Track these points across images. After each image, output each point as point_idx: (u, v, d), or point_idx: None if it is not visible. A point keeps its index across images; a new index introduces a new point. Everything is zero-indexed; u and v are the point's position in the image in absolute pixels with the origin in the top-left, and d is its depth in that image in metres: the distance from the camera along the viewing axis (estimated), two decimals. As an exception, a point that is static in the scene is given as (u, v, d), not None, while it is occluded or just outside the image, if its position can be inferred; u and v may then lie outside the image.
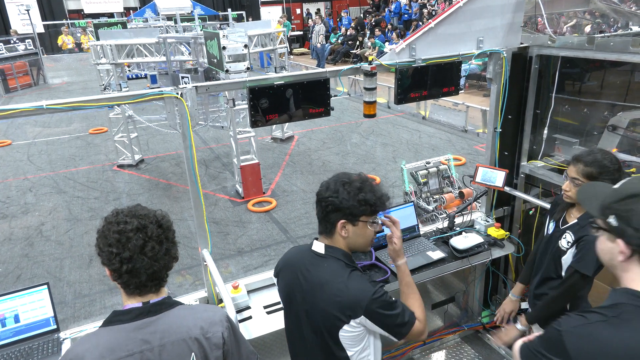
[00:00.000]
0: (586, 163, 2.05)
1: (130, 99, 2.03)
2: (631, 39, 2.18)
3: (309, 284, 1.73)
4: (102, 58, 7.17)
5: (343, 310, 1.64)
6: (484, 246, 2.83)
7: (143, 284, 1.36)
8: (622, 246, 1.24)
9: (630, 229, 1.22)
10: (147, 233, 1.34)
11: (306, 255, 1.80)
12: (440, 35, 2.60)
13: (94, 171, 7.92)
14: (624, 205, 1.25)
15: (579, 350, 1.21)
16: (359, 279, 1.70)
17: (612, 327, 1.19)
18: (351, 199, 1.66)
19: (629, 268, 1.26)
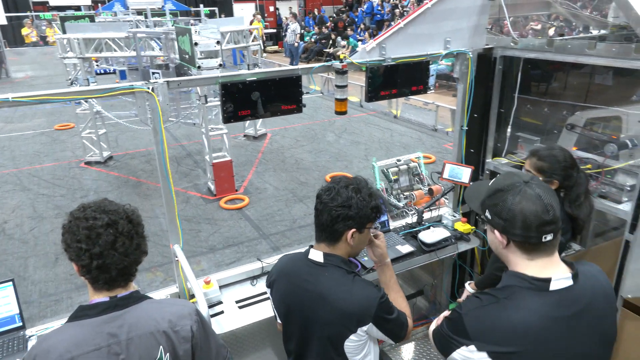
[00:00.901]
0: (539, 157, 2.16)
1: (99, 92, 2.01)
2: (587, 42, 2.30)
3: (311, 295, 1.67)
4: (69, 52, 6.98)
5: (351, 320, 1.61)
6: (451, 240, 2.92)
7: (113, 279, 1.36)
8: (498, 236, 1.39)
9: (501, 220, 1.36)
10: (118, 229, 1.34)
11: (302, 265, 1.74)
12: (410, 35, 2.67)
13: (60, 168, 7.71)
14: (493, 199, 1.39)
15: (475, 330, 1.36)
16: (363, 285, 1.67)
17: (501, 308, 1.35)
18: (365, 207, 1.63)
19: (510, 255, 1.41)
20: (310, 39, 19.11)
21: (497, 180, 1.47)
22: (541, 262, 1.36)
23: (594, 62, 2.32)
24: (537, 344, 1.31)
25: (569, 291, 1.34)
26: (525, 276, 1.36)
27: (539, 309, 1.32)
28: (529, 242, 1.34)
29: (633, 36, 2.17)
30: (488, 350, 1.33)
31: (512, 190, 1.36)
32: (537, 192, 1.34)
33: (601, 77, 2.94)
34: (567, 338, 1.34)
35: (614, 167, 2.52)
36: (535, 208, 1.31)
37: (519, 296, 1.34)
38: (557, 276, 1.34)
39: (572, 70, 3.06)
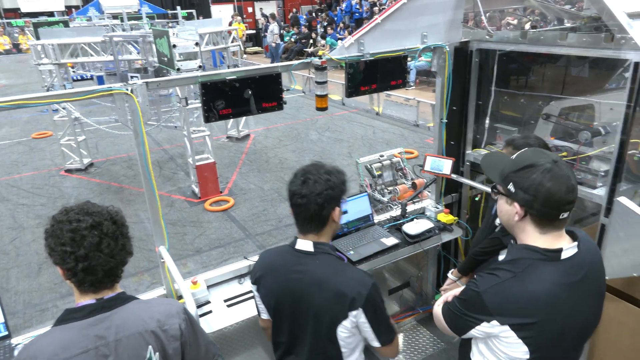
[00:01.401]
0: (515, 146, 2.22)
1: (78, 95, 1.99)
2: (559, 33, 2.37)
3: (303, 284, 1.68)
4: (44, 58, 6.86)
5: (344, 301, 1.62)
6: (434, 231, 2.97)
7: (99, 281, 1.36)
8: (517, 208, 1.44)
9: (525, 194, 1.41)
10: (103, 230, 1.33)
11: (290, 256, 1.74)
12: (387, 30, 2.70)
13: (40, 177, 7.57)
14: (521, 174, 1.44)
15: (496, 305, 1.42)
16: (357, 270, 1.74)
17: (519, 281, 1.42)
18: (341, 183, 1.70)
19: (524, 227, 1.47)
20: (290, 38, 19.11)
21: (525, 155, 1.50)
22: (551, 236, 1.44)
23: (565, 53, 2.39)
24: (554, 310, 1.41)
25: (575, 258, 1.45)
26: (538, 248, 1.43)
27: (554, 278, 1.42)
28: (546, 217, 1.41)
29: (602, 26, 2.24)
30: (510, 323, 1.40)
31: (543, 168, 1.40)
32: (565, 172, 1.40)
33: (577, 70, 3.03)
34: (577, 300, 1.45)
35: (588, 153, 2.60)
36: (561, 187, 1.37)
37: (535, 268, 1.42)
38: (566, 246, 1.44)
39: (549, 63, 3.14)
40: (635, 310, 2.49)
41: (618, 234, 2.33)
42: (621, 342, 2.59)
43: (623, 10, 2.10)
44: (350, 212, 2.99)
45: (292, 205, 1.70)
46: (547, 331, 1.42)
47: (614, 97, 2.63)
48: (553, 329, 1.43)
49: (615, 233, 2.34)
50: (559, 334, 1.45)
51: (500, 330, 1.42)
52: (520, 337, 1.41)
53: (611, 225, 2.35)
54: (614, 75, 2.93)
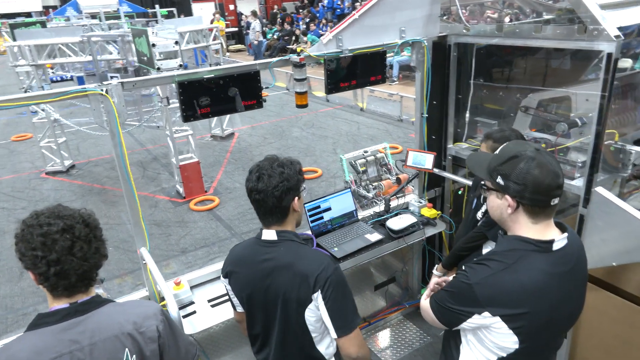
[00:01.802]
0: (495, 139, 2.25)
1: (52, 97, 1.95)
2: (534, 26, 2.39)
3: (272, 272, 1.72)
4: (21, 60, 6.72)
5: (309, 280, 1.64)
6: (418, 226, 2.99)
7: (73, 285, 1.33)
8: (509, 200, 1.46)
9: (514, 184, 1.43)
10: (75, 233, 1.31)
11: (256, 247, 1.78)
12: (365, 26, 2.70)
13: (20, 180, 7.43)
14: (507, 165, 1.46)
15: (488, 297, 1.43)
16: (320, 253, 1.76)
17: (512, 272, 1.43)
18: (295, 173, 1.73)
19: (517, 219, 1.49)
20: (272, 36, 19.01)
21: (508, 147, 1.53)
22: (543, 225, 1.47)
23: (540, 45, 2.41)
24: (544, 301, 1.44)
25: (565, 249, 1.48)
26: (530, 239, 1.46)
27: (546, 269, 1.44)
28: (538, 205, 1.43)
29: (576, 18, 2.26)
30: (501, 314, 1.42)
31: (527, 157, 1.43)
32: (548, 159, 1.43)
33: (558, 61, 3.06)
34: (567, 290, 1.48)
35: (565, 145, 2.63)
36: (548, 173, 1.41)
37: (527, 259, 1.44)
38: (558, 237, 1.47)
39: (528, 55, 3.17)
40: (615, 299, 2.54)
41: (596, 223, 2.37)
42: (602, 330, 2.64)
43: (595, 2, 2.13)
44: (334, 208, 3.00)
45: (252, 201, 1.74)
46: (537, 321, 1.44)
47: (590, 88, 2.66)
48: (542, 318, 1.45)
49: (594, 223, 2.37)
50: (547, 323, 1.47)
51: (492, 322, 1.43)
52: (511, 327, 1.42)
53: (589, 216, 2.38)
54: (590, 67, 2.97)
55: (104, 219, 5.75)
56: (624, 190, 3.44)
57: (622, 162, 2.58)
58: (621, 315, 2.53)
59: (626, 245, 2.28)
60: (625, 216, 2.22)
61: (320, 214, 2.93)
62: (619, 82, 2.80)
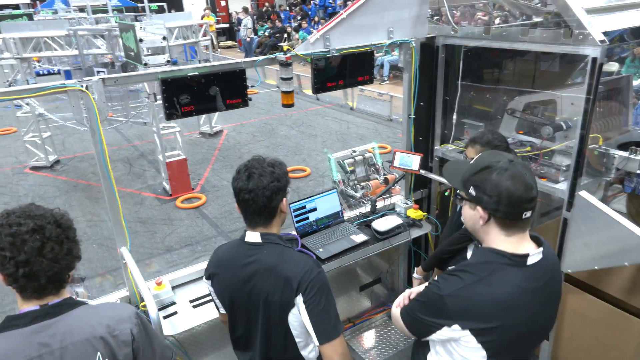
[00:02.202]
0: (482, 144, 2.25)
1: (29, 92, 1.90)
2: (520, 29, 2.39)
3: (255, 275, 1.69)
4: (5, 52, 6.59)
5: (292, 284, 1.61)
6: (404, 227, 2.98)
7: (43, 287, 1.29)
8: (481, 212, 1.43)
9: (486, 196, 1.41)
10: (45, 234, 1.27)
11: (240, 249, 1.75)
12: (353, 25, 2.68)
13: (3, 175, 7.31)
14: (479, 176, 1.44)
15: (459, 309, 1.40)
16: (304, 256, 1.73)
17: (485, 285, 1.40)
18: (285, 173, 1.71)
19: (489, 230, 1.46)
20: (264, 33, 18.92)
21: (482, 158, 1.51)
22: (516, 238, 1.44)
23: (527, 48, 2.41)
24: (515, 315, 1.41)
25: (540, 264, 1.45)
26: (505, 253, 1.42)
27: (520, 283, 1.41)
28: (510, 218, 1.40)
29: (562, 22, 2.27)
30: (471, 328, 1.39)
31: (499, 168, 1.41)
32: (521, 171, 1.40)
33: (547, 64, 3.07)
34: (539, 305, 1.46)
35: (551, 148, 2.64)
36: (520, 186, 1.37)
37: (501, 273, 1.41)
38: (532, 251, 1.44)
39: (517, 57, 3.17)
40: (596, 302, 2.56)
41: (580, 227, 2.38)
42: (583, 333, 2.66)
43: (581, 6, 2.13)
44: (320, 209, 2.98)
45: (240, 201, 1.69)
46: (507, 336, 1.42)
47: (575, 92, 2.67)
48: (512, 333, 1.42)
49: (577, 227, 2.39)
50: (517, 338, 1.45)
51: (461, 335, 1.40)
52: (480, 341, 1.39)
53: (573, 219, 2.39)
54: (576, 70, 2.98)
55: (88, 216, 5.67)
56: (608, 194, 3.48)
57: (606, 166, 2.59)
58: (601, 317, 2.56)
59: (608, 249, 2.29)
60: (607, 220, 2.24)
61: (306, 215, 2.91)
62: (605, 86, 2.82)
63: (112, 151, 8.07)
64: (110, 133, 8.80)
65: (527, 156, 2.71)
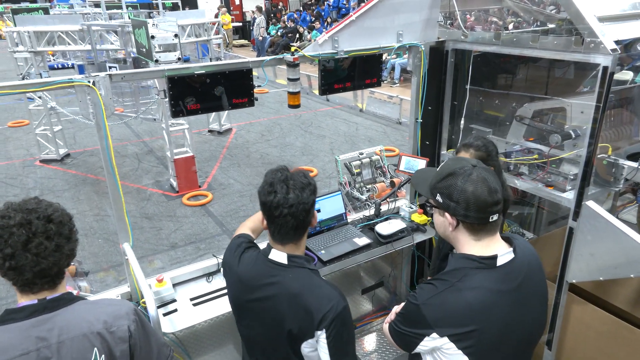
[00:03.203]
0: (477, 147, 2.25)
1: (37, 86, 1.92)
2: (531, 35, 2.36)
3: (274, 297, 1.59)
4: (19, 46, 6.68)
5: (312, 320, 1.53)
6: (407, 231, 2.96)
7: (30, 282, 1.29)
8: (449, 218, 1.44)
9: (452, 202, 1.42)
10: (32, 228, 1.26)
11: (263, 266, 1.63)
12: (362, 28, 2.67)
13: (14, 167, 7.40)
14: (444, 183, 1.45)
15: (435, 317, 1.41)
16: (330, 288, 1.60)
17: (456, 290, 1.41)
18: (314, 191, 1.60)
19: (458, 236, 1.47)
20: (276, 32, 18.96)
21: (447, 165, 1.52)
22: (486, 241, 1.45)
23: (537, 55, 2.39)
24: (490, 318, 1.40)
25: (511, 264, 1.45)
26: (474, 257, 1.43)
27: (491, 286, 1.41)
28: (477, 222, 1.41)
29: (574, 30, 2.24)
30: (449, 334, 1.39)
31: (462, 174, 1.42)
32: (484, 176, 1.41)
33: (562, 71, 3.03)
34: (517, 307, 1.44)
35: (559, 156, 2.60)
36: (483, 190, 1.39)
37: (471, 277, 1.42)
38: (501, 252, 1.44)
39: (528, 64, 3.14)
40: (601, 313, 2.52)
41: (586, 237, 2.35)
42: (587, 344, 2.62)
43: (594, 14, 2.10)
44: (324, 210, 2.97)
45: (276, 217, 1.55)
46: (485, 339, 1.40)
47: (585, 100, 2.64)
48: (491, 337, 1.41)
49: (583, 237, 2.35)
50: (498, 342, 1.43)
51: (441, 343, 1.40)
52: (460, 347, 1.39)
53: (579, 229, 2.36)
54: (587, 78, 2.95)
55: (95, 210, 5.72)
56: (617, 204, 3.43)
57: (615, 176, 2.56)
58: (606, 328, 2.52)
59: (614, 260, 2.25)
60: (614, 231, 2.20)
61: (309, 216, 2.90)
62: (616, 95, 2.79)
63: (121, 146, 8.14)
64: (121, 128, 8.88)
65: (534, 164, 2.68)
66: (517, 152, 2.82)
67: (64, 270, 1.35)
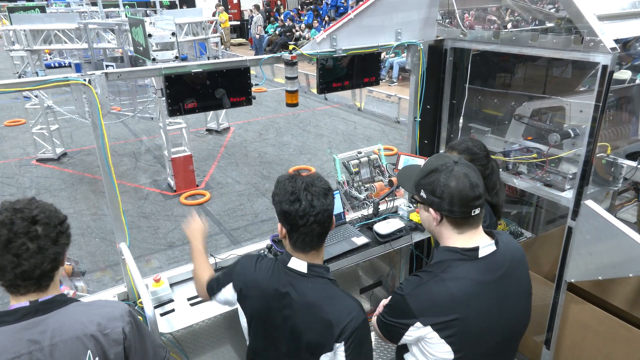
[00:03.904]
0: (459, 151, 2.25)
1: (32, 85, 1.90)
2: (530, 34, 2.35)
3: (293, 307, 1.55)
4: (15, 44, 6.64)
5: (331, 333, 1.49)
6: (406, 231, 2.95)
7: (13, 284, 1.26)
8: (433, 213, 1.50)
9: (436, 198, 1.47)
10: (13, 229, 1.23)
11: (281, 275, 1.58)
12: (361, 26, 2.65)
13: (10, 166, 7.36)
14: (428, 179, 1.50)
15: (419, 306, 1.45)
16: (350, 300, 1.57)
17: (439, 281, 1.46)
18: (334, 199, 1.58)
19: (442, 230, 1.53)
20: (274, 31, 18.92)
21: (430, 161, 1.57)
22: (469, 234, 1.51)
23: (536, 54, 2.38)
24: (472, 308, 1.45)
25: (493, 256, 1.50)
26: (457, 249, 1.49)
27: (473, 276, 1.47)
28: (460, 217, 1.47)
29: (573, 28, 2.23)
30: (431, 323, 1.43)
31: (445, 170, 1.47)
32: (465, 171, 1.47)
33: (560, 70, 3.02)
34: (496, 298, 1.49)
35: (557, 156, 2.60)
36: (464, 185, 1.44)
37: (454, 268, 1.48)
38: (483, 244, 1.50)
39: (527, 62, 3.13)
40: (599, 313, 2.52)
41: (584, 237, 2.34)
42: (585, 343, 2.62)
43: (593, 13, 2.09)
44: (322, 209, 2.95)
45: (301, 226, 1.50)
46: (467, 329, 1.45)
47: (584, 99, 2.63)
48: (473, 327, 1.46)
49: (582, 236, 2.35)
50: (480, 332, 1.47)
51: (425, 333, 1.45)
52: (443, 337, 1.43)
53: (578, 228, 2.36)
54: (586, 77, 2.94)
55: (92, 209, 5.69)
56: (615, 203, 3.42)
57: (613, 175, 2.55)
58: (604, 328, 2.52)
59: (613, 259, 2.25)
60: (613, 230, 2.20)
61: (308, 215, 2.89)
62: (615, 94, 2.78)
63: (118, 145, 8.11)
64: (118, 127, 8.84)
65: (533, 163, 2.68)
66: (515, 151, 2.81)
67: (49, 274, 1.30)
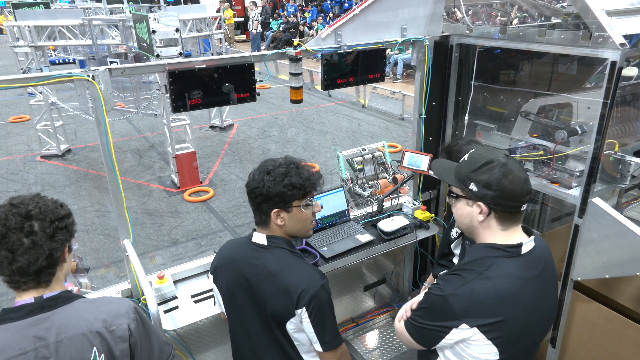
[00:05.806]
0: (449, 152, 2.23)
1: (35, 80, 1.89)
2: (537, 30, 2.32)
3: (256, 278, 1.66)
4: (20, 40, 6.65)
5: (291, 299, 1.57)
6: (410, 228, 2.93)
7: (12, 279, 1.26)
8: (483, 207, 1.43)
9: (490, 191, 1.41)
10: (7, 224, 1.23)
11: (246, 249, 1.72)
12: (366, 22, 2.63)
13: (14, 162, 7.38)
14: (480, 172, 1.44)
15: (464, 308, 1.38)
16: (308, 267, 1.67)
17: (485, 280, 1.40)
18: (277, 185, 1.61)
19: (488, 226, 1.47)
20: (278, 27, 18.87)
21: (480, 154, 1.50)
22: (511, 230, 1.47)
23: (544, 50, 2.34)
24: (520, 306, 1.41)
25: (533, 252, 1.47)
26: (499, 245, 1.44)
27: (518, 273, 1.42)
28: (510, 211, 1.43)
29: (581, 24, 2.20)
30: (479, 325, 1.37)
31: (499, 163, 1.42)
32: (518, 166, 1.45)
33: (565, 66, 2.99)
34: (538, 294, 1.45)
35: (564, 153, 2.57)
36: (519, 180, 1.41)
37: (499, 265, 1.42)
38: (525, 240, 1.45)
39: (533, 59, 3.10)
40: (606, 312, 2.49)
41: (591, 235, 2.32)
42: (592, 342, 2.60)
43: (602, 8, 2.06)
44: (326, 207, 2.94)
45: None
46: (514, 328, 1.40)
47: (592, 96, 2.60)
48: (519, 325, 1.42)
49: (589, 234, 2.32)
50: (525, 329, 1.44)
51: (470, 334, 1.37)
52: (490, 338, 1.37)
53: (585, 226, 2.33)
54: (594, 74, 2.90)
55: (97, 206, 5.70)
56: (622, 200, 3.39)
57: (621, 172, 2.52)
58: (611, 327, 2.49)
59: (620, 257, 2.22)
60: (620, 228, 2.17)
61: (312, 212, 2.88)
62: (623, 91, 2.74)
63: (122, 142, 8.12)
64: (122, 124, 8.85)
65: (539, 160, 2.65)
66: (522, 148, 2.78)
67: (47, 270, 1.29)
